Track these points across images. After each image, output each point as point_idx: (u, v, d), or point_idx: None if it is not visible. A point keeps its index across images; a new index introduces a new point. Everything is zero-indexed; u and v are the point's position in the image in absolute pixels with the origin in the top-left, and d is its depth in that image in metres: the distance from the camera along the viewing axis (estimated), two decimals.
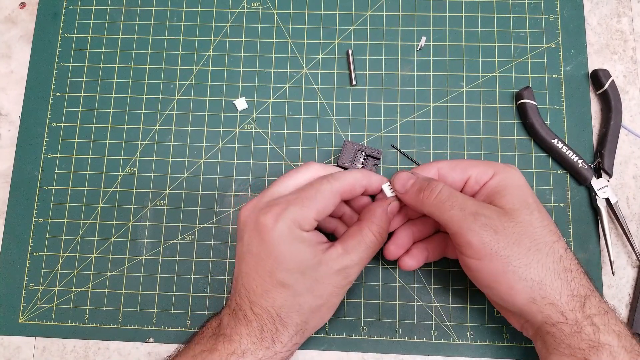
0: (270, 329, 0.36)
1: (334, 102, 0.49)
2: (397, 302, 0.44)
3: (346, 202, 0.41)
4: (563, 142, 0.46)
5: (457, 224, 0.34)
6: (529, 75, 0.48)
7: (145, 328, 0.45)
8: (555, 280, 0.34)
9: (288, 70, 0.49)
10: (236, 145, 0.48)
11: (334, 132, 0.48)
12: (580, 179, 0.45)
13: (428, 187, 0.36)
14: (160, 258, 0.46)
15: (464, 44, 0.49)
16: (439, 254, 0.41)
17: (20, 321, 0.45)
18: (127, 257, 0.46)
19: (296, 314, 0.36)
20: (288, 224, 0.35)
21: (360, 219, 0.39)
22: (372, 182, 0.39)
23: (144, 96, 0.49)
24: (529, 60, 0.49)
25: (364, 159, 0.44)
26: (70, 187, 0.48)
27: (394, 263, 0.45)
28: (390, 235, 0.41)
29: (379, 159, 0.44)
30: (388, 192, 0.39)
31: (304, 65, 0.50)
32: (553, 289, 0.33)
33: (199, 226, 0.47)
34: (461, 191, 0.39)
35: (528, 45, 0.49)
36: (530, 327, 0.36)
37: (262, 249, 0.35)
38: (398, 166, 0.47)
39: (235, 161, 0.48)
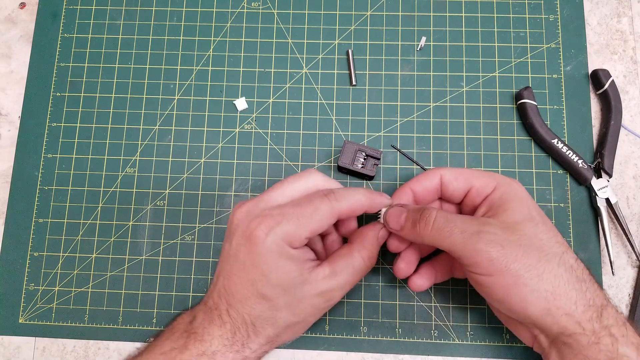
0: (242, 334, 0.35)
1: (334, 102, 0.49)
2: (397, 302, 0.44)
3: None
4: (563, 142, 0.46)
5: (460, 248, 0.34)
6: (529, 75, 0.48)
7: (145, 328, 0.45)
8: (569, 291, 0.33)
9: (288, 70, 0.49)
10: (236, 145, 0.48)
11: (334, 132, 0.48)
12: (580, 179, 0.45)
13: (422, 218, 0.35)
14: (160, 258, 0.46)
15: (464, 44, 0.49)
16: (447, 274, 0.41)
17: (20, 321, 0.45)
18: (127, 257, 0.46)
19: (271, 327, 0.36)
20: (278, 240, 0.34)
21: (350, 241, 0.38)
22: (375, 206, 0.38)
23: (144, 96, 0.49)
24: (529, 60, 0.49)
25: (364, 159, 0.44)
26: (70, 187, 0.48)
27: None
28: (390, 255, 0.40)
29: (379, 159, 0.44)
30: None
31: (304, 65, 0.50)
32: (568, 299, 0.33)
33: (199, 226, 0.47)
34: (462, 201, 0.38)
35: (528, 45, 0.49)
36: (545, 339, 0.35)
37: (249, 258, 0.34)
38: (398, 166, 0.47)
39: (235, 161, 0.48)
